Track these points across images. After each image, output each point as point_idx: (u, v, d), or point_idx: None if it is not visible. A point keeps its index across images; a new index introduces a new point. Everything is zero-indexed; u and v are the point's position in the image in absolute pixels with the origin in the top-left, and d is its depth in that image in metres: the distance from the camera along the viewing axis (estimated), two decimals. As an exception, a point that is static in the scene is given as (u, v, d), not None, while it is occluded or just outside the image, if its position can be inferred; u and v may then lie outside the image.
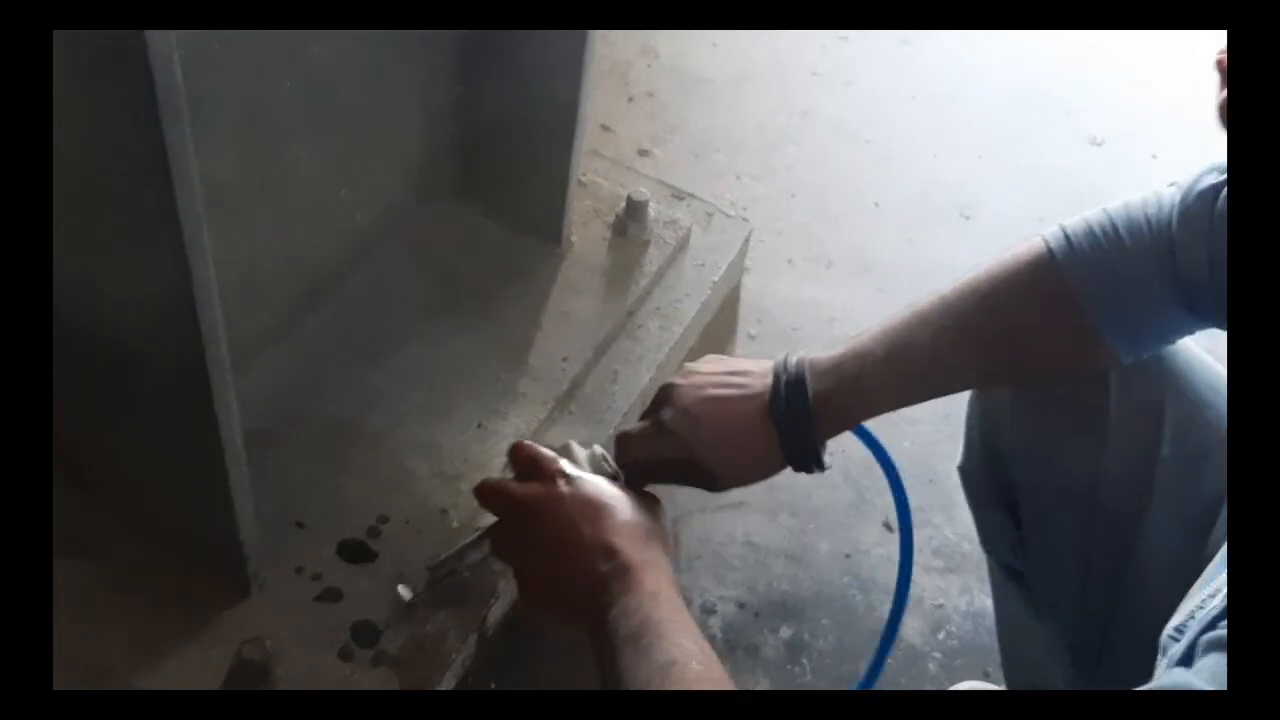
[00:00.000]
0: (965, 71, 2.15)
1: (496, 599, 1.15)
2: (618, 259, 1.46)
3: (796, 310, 1.67)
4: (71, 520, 1.08)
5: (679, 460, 0.98)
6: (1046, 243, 0.91)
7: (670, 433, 0.97)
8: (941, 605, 1.37)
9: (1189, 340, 0.95)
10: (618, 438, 1.03)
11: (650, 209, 1.47)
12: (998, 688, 1.28)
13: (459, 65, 1.35)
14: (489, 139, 1.40)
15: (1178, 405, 0.92)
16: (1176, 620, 0.67)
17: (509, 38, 1.30)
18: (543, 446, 0.98)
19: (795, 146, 1.94)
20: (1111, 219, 0.89)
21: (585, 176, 1.52)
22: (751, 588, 1.36)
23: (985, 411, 1.03)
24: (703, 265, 1.52)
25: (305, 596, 1.10)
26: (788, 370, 0.95)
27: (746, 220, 1.62)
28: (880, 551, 1.41)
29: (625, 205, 1.47)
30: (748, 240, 1.60)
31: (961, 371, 0.95)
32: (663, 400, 0.99)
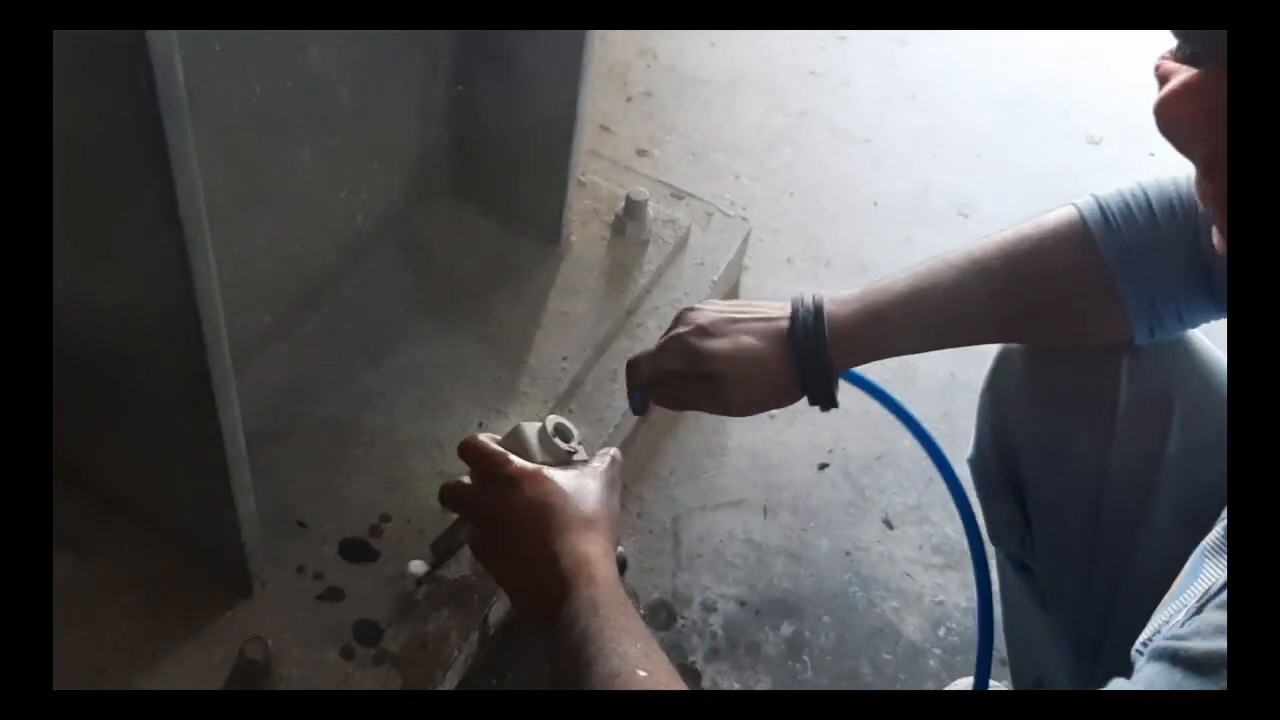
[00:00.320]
0: (963, 71, 2.15)
1: (497, 598, 1.15)
2: (617, 258, 1.46)
3: (795, 309, 1.67)
4: (72, 520, 1.08)
5: (690, 375, 0.96)
6: (1079, 210, 0.91)
7: (686, 345, 0.96)
8: (942, 602, 1.37)
9: (1201, 334, 0.95)
10: (629, 363, 1.01)
11: (649, 208, 1.48)
12: (996, 684, 1.28)
13: (457, 66, 1.35)
14: (487, 139, 1.41)
15: (1187, 401, 0.92)
16: (1145, 634, 0.67)
17: (507, 39, 1.31)
18: (488, 438, 0.96)
19: (793, 146, 1.94)
20: (1145, 192, 0.89)
21: (584, 176, 1.52)
22: (752, 585, 1.36)
23: (996, 404, 1.03)
24: (702, 264, 1.52)
25: (307, 595, 1.10)
26: (805, 301, 0.95)
27: (745, 220, 1.62)
28: (880, 549, 1.41)
29: (624, 205, 1.47)
30: (746, 239, 1.60)
31: (980, 314, 0.94)
32: (679, 320, 0.99)
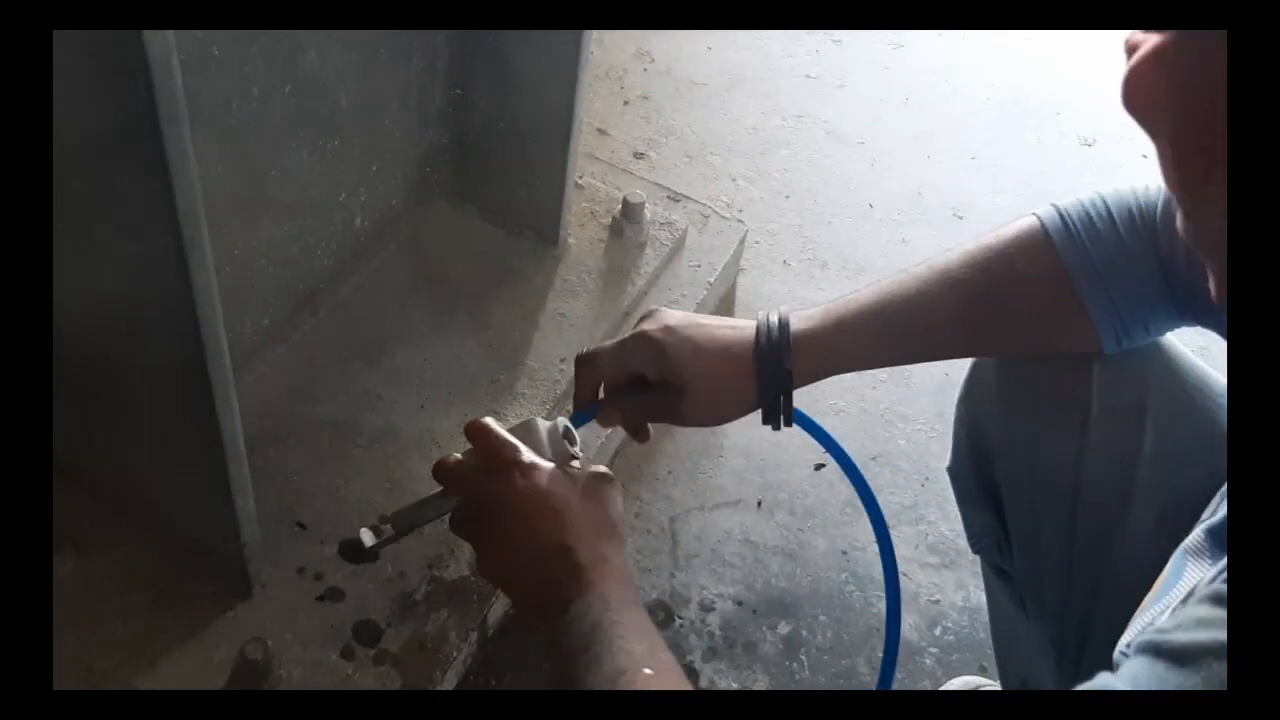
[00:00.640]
0: (956, 73, 2.16)
1: (497, 598, 1.16)
2: (614, 260, 1.47)
3: (791, 311, 1.68)
4: (72, 521, 1.08)
5: (648, 379, 0.94)
6: (1041, 220, 0.91)
7: (649, 342, 0.94)
8: (938, 601, 1.38)
9: (1173, 338, 0.95)
10: (579, 357, 0.97)
11: (646, 211, 1.48)
12: (993, 683, 1.29)
13: (454, 69, 1.36)
14: (485, 142, 1.41)
15: (1160, 404, 0.92)
16: (1127, 637, 0.67)
17: (504, 42, 1.31)
18: (501, 426, 0.92)
19: (789, 149, 1.95)
20: (1105, 202, 0.90)
21: (581, 179, 1.53)
22: (749, 585, 1.37)
23: (971, 412, 1.04)
24: (698, 266, 1.53)
25: (307, 596, 1.10)
26: (771, 314, 0.95)
27: (742, 222, 1.63)
28: (876, 548, 1.42)
29: (621, 207, 1.48)
30: (743, 241, 1.61)
31: (945, 326, 0.94)
32: (643, 318, 0.97)
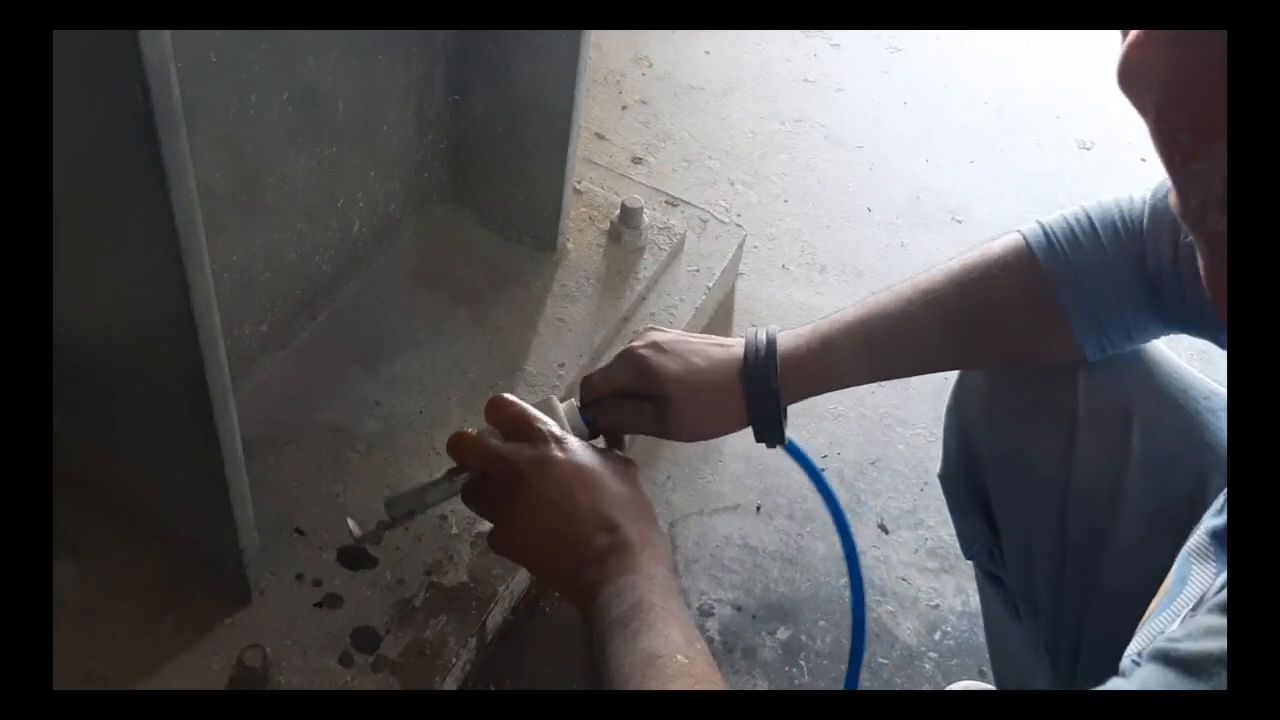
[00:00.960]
0: (955, 77, 2.16)
1: (496, 604, 1.16)
2: (612, 265, 1.47)
3: (790, 315, 1.68)
4: (71, 527, 1.08)
5: (638, 394, 0.97)
6: (1024, 237, 0.92)
7: (639, 360, 0.97)
8: (937, 606, 1.38)
9: (1158, 342, 0.95)
10: (583, 380, 1.02)
11: (644, 215, 1.48)
12: (991, 688, 1.28)
13: (453, 75, 1.36)
14: (483, 147, 1.41)
15: (1146, 409, 0.92)
16: (1137, 646, 0.67)
17: (502, 47, 1.31)
18: (526, 404, 0.96)
19: (787, 153, 1.95)
20: (1090, 217, 0.91)
21: (580, 184, 1.53)
22: (748, 590, 1.37)
23: (961, 420, 1.04)
24: (697, 271, 1.53)
25: (305, 603, 1.10)
26: (759, 333, 0.98)
27: (740, 226, 1.63)
28: (876, 553, 1.42)
29: (620, 212, 1.48)
30: (742, 246, 1.61)
31: (931, 343, 0.96)
32: (638, 336, 1.01)
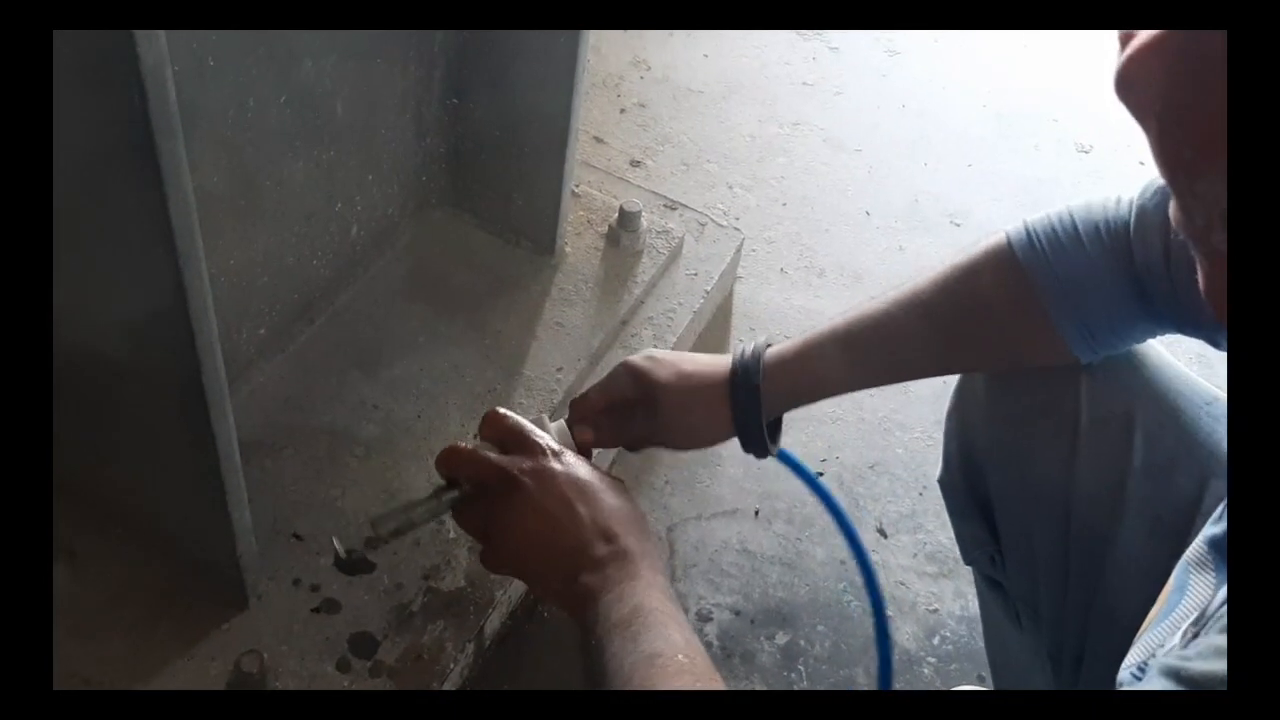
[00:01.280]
0: (953, 81, 2.16)
1: (494, 609, 1.15)
2: (611, 269, 1.47)
3: (789, 319, 1.67)
4: (67, 533, 1.08)
5: (629, 401, 1.01)
6: (1007, 238, 0.92)
7: (632, 367, 1.01)
8: (936, 610, 1.38)
9: (1159, 346, 0.95)
10: (574, 400, 1.05)
11: (643, 219, 1.48)
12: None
13: (451, 78, 1.35)
14: (482, 151, 1.41)
15: (1147, 415, 0.91)
16: (1136, 657, 0.67)
17: (501, 50, 1.31)
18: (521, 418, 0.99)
19: (786, 156, 1.95)
20: (1073, 217, 0.90)
21: (578, 187, 1.53)
22: (747, 595, 1.36)
23: (961, 424, 1.04)
24: (695, 275, 1.53)
25: (303, 608, 1.10)
26: (748, 346, 1.00)
27: (739, 230, 1.63)
28: (874, 557, 1.40)
29: (618, 215, 1.48)
30: (740, 250, 1.61)
31: (917, 349, 0.97)
32: (633, 355, 1.05)
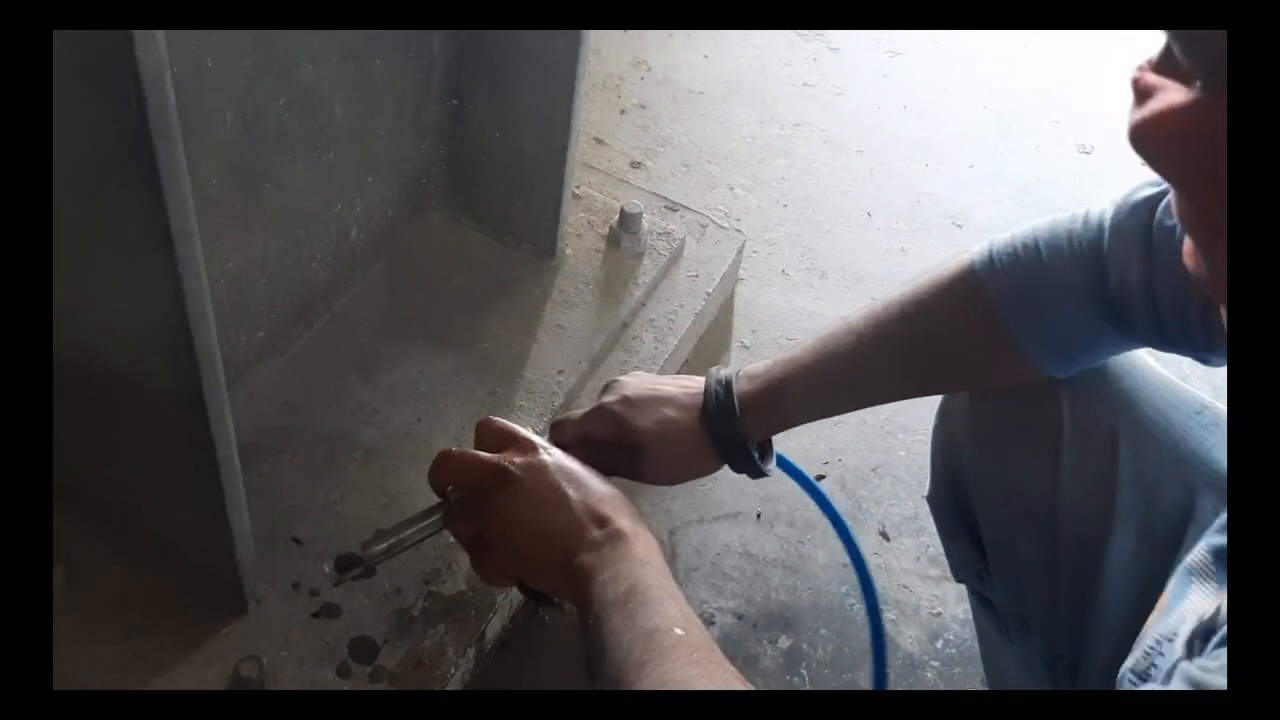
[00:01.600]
0: (954, 82, 2.16)
1: (494, 613, 1.15)
2: (611, 271, 1.46)
3: (790, 320, 1.67)
4: (65, 538, 1.07)
5: (609, 442, 1.01)
6: (972, 260, 0.92)
7: (609, 413, 1.01)
8: (939, 614, 1.37)
9: (1146, 355, 0.94)
10: (553, 423, 1.06)
11: (644, 221, 1.47)
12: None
13: (450, 80, 1.35)
14: (481, 153, 1.41)
15: (1131, 425, 0.90)
16: (1135, 663, 0.66)
17: (501, 52, 1.31)
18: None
19: (786, 158, 1.94)
20: (1035, 235, 0.89)
21: (578, 189, 1.52)
22: (749, 598, 1.36)
23: (946, 441, 1.03)
24: (696, 276, 1.52)
25: (302, 613, 1.09)
26: (718, 376, 1.02)
27: (740, 231, 1.62)
28: (877, 560, 1.41)
29: (619, 217, 1.47)
30: (741, 251, 1.60)
31: (884, 378, 0.98)
32: (606, 389, 1.05)
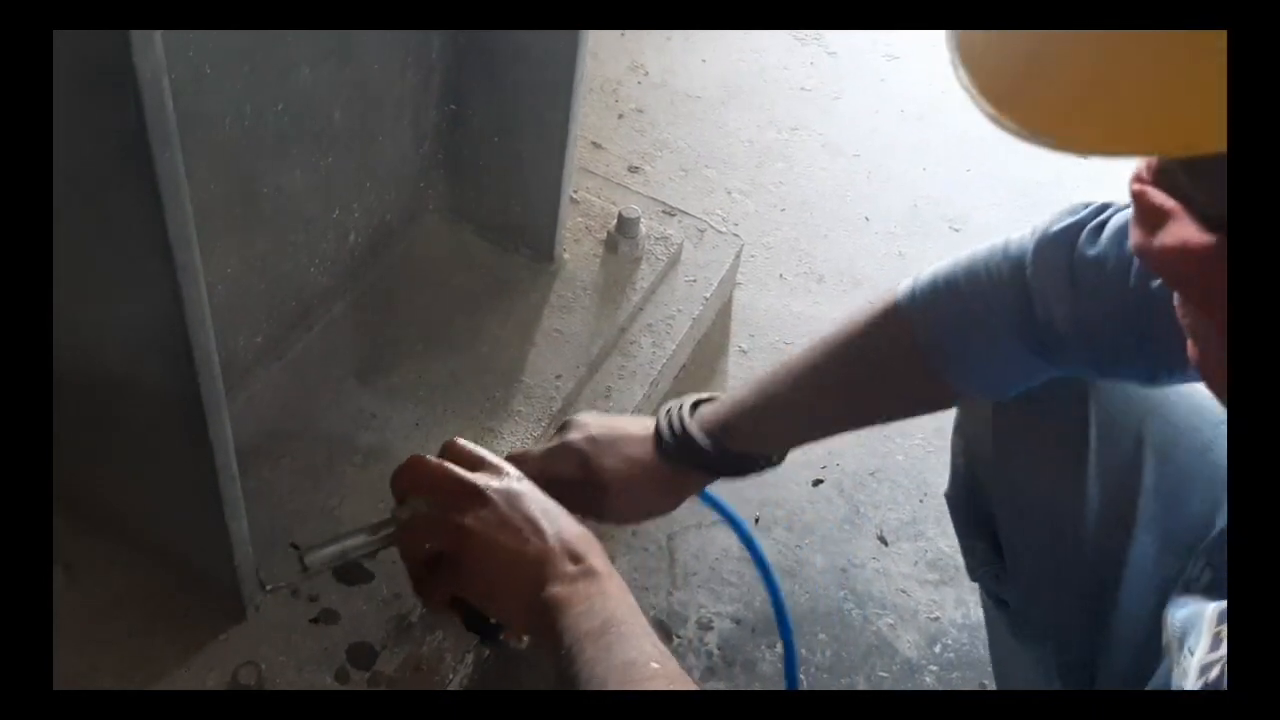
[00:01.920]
0: (952, 85, 2.14)
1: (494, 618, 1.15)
2: (610, 275, 1.46)
3: (788, 324, 1.67)
4: (63, 543, 1.07)
5: (573, 481, 1.00)
6: (896, 295, 0.93)
7: (576, 451, 1.01)
8: (937, 619, 1.37)
9: None
10: (510, 458, 1.00)
11: (641, 225, 1.48)
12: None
13: (449, 84, 1.35)
14: (480, 157, 1.41)
15: (1158, 432, 0.90)
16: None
17: (499, 56, 1.31)
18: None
19: (784, 162, 1.94)
20: (954, 266, 0.91)
21: (576, 193, 1.52)
22: (748, 603, 1.36)
23: (968, 441, 1.03)
24: (694, 281, 1.52)
25: (300, 619, 1.09)
26: (669, 426, 1.02)
27: (738, 236, 1.62)
28: (875, 565, 1.41)
29: (616, 222, 1.47)
30: (739, 255, 1.60)
31: (825, 416, 1.01)
32: (564, 428, 1.05)
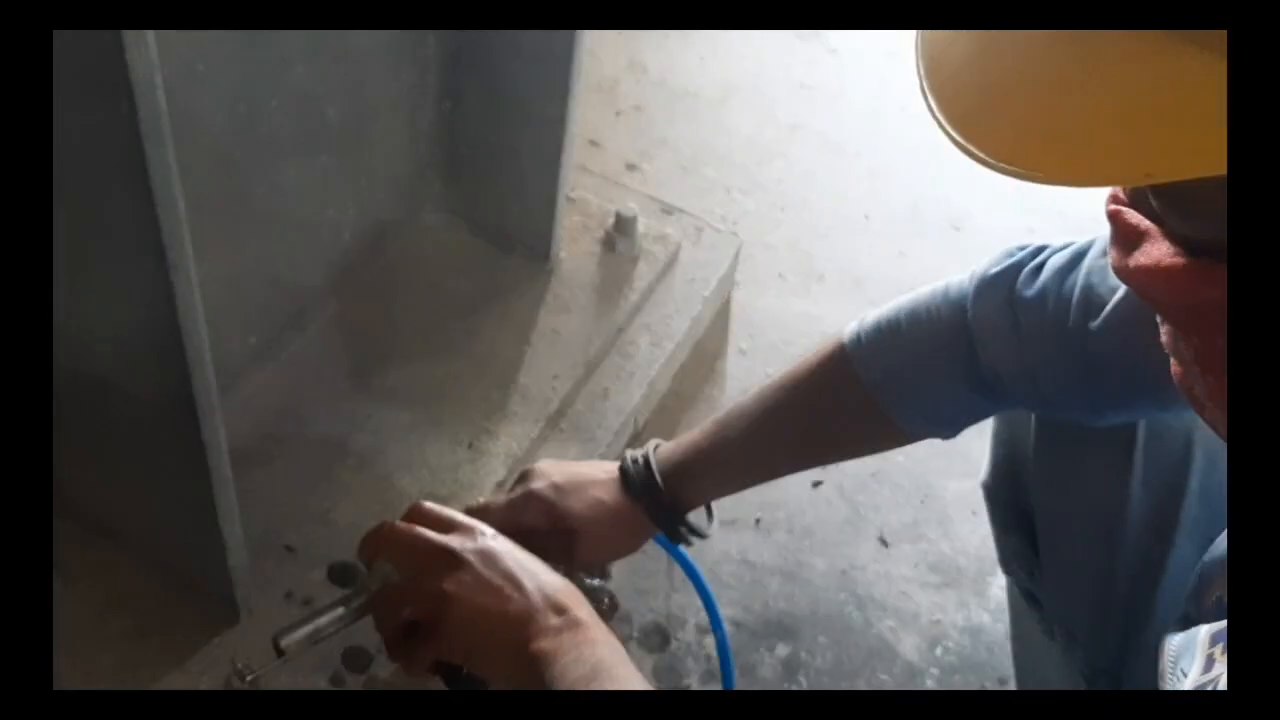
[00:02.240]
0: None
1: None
2: (607, 275, 1.45)
3: (788, 324, 1.66)
4: (57, 547, 1.05)
5: (540, 530, 0.99)
6: (842, 338, 0.95)
7: (541, 499, 1.00)
8: (939, 621, 1.36)
9: None
10: (474, 509, 1.00)
11: (639, 224, 1.47)
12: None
13: (445, 83, 1.34)
14: (476, 156, 1.40)
15: (1208, 436, 0.89)
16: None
17: (496, 54, 1.30)
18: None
19: (784, 160, 1.93)
20: (897, 310, 0.94)
21: (574, 192, 1.51)
22: (748, 606, 1.35)
23: (1011, 432, 1.02)
24: (693, 280, 1.51)
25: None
26: (635, 459, 1.01)
27: (736, 235, 1.61)
28: (876, 568, 1.40)
29: (614, 221, 1.46)
30: (738, 255, 1.59)
31: (781, 457, 1.02)
32: (524, 478, 1.03)
